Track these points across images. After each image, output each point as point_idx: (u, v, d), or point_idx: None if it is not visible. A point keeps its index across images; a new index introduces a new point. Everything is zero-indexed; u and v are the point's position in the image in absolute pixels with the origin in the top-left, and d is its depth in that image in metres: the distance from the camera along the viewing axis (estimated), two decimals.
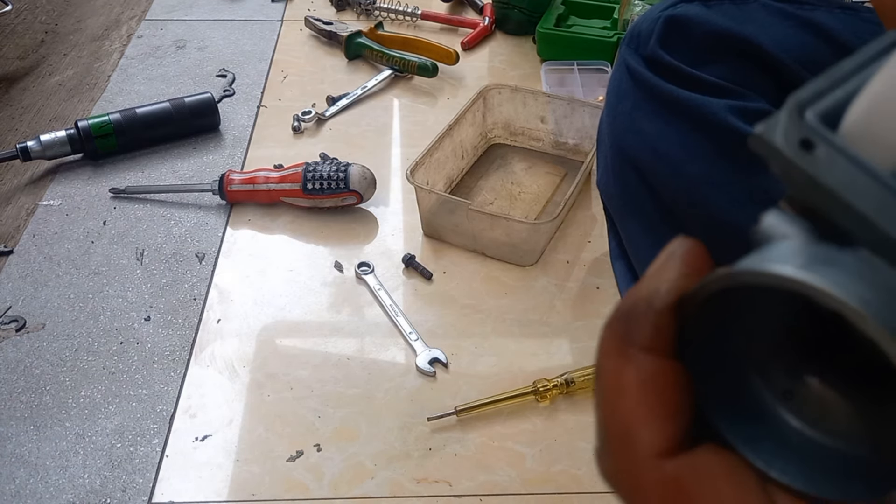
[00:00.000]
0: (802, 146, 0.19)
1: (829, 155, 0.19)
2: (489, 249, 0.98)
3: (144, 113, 1.15)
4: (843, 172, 0.18)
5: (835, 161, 0.19)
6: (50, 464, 0.76)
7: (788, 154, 0.19)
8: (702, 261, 0.20)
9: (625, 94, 0.69)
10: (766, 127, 0.19)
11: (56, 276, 0.96)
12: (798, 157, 0.19)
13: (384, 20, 1.46)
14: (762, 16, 0.69)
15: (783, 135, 0.19)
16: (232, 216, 1.05)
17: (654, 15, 0.69)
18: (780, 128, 0.19)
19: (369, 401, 0.82)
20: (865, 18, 0.70)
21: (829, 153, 0.19)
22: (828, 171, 0.19)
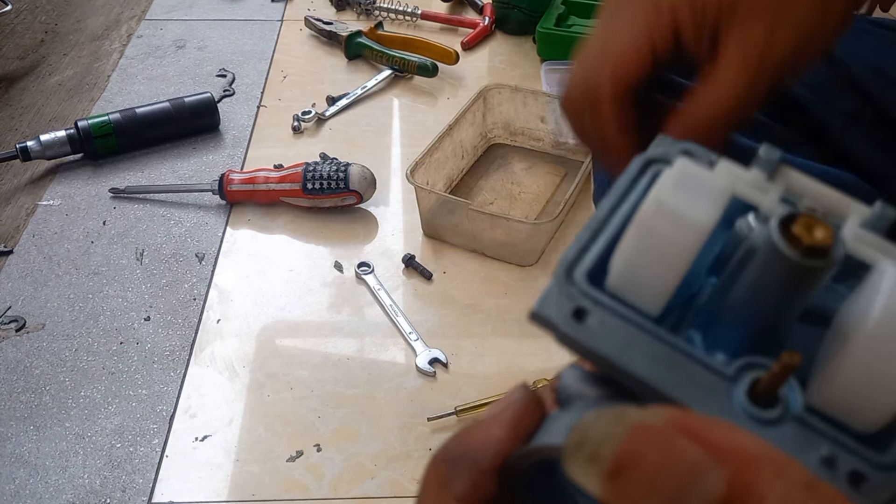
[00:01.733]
0: (575, 316, 0.19)
1: (600, 319, 0.19)
2: (489, 249, 0.98)
3: (144, 113, 1.15)
4: (615, 335, 0.19)
5: (606, 324, 0.19)
6: (50, 464, 0.76)
7: (563, 328, 0.20)
8: (532, 417, 0.21)
9: None
10: (541, 302, 0.20)
11: (56, 276, 0.96)
12: (572, 329, 0.19)
13: (384, 20, 1.46)
14: None
15: (556, 307, 0.20)
16: (232, 216, 1.05)
17: None
18: (553, 300, 0.20)
19: (369, 401, 0.82)
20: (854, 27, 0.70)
21: (601, 317, 0.19)
22: (600, 338, 0.19)
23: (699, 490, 0.15)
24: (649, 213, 0.19)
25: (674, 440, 0.16)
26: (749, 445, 0.16)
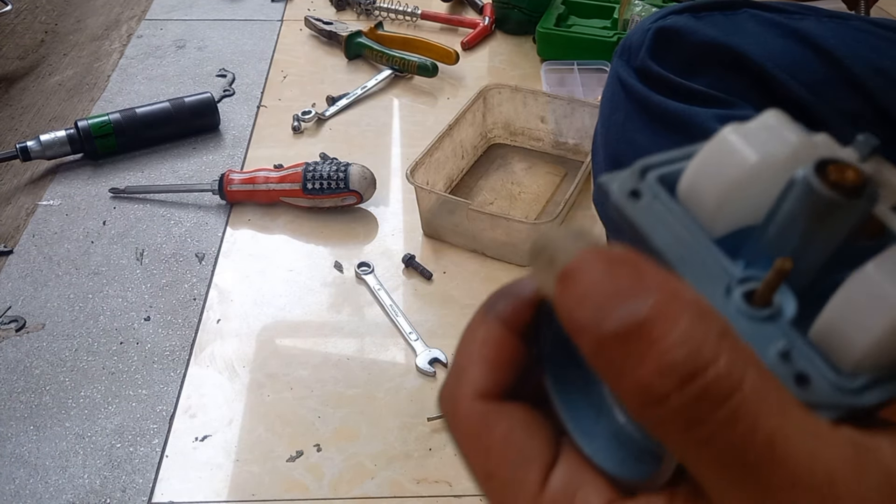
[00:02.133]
0: (631, 195, 0.22)
1: (650, 204, 0.21)
2: (489, 249, 0.98)
3: (144, 113, 1.15)
4: (656, 216, 0.21)
5: (653, 208, 0.21)
6: (50, 464, 0.76)
7: (615, 197, 0.22)
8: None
9: (617, 106, 0.70)
10: (609, 177, 0.22)
11: (56, 276, 0.96)
12: (623, 202, 0.22)
13: (384, 20, 1.46)
14: (751, 26, 0.69)
15: (619, 185, 0.22)
16: (232, 216, 1.05)
17: (644, 26, 0.70)
18: (619, 179, 0.22)
19: (369, 401, 0.82)
20: (854, 27, 0.71)
21: (651, 202, 0.22)
22: (641, 213, 0.21)
23: (625, 306, 0.17)
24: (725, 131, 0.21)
25: (621, 266, 0.18)
26: (689, 294, 0.18)
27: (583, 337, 0.18)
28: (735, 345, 0.17)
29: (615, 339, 0.17)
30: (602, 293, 0.18)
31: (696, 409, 0.16)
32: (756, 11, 0.71)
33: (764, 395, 0.17)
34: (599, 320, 0.17)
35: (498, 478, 0.21)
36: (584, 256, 0.18)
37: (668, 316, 0.17)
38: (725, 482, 0.17)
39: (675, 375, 0.16)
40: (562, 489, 0.20)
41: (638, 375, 0.17)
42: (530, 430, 0.21)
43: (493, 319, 0.23)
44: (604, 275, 0.18)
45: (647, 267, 0.18)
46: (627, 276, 0.18)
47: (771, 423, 0.16)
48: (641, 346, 0.17)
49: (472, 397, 0.22)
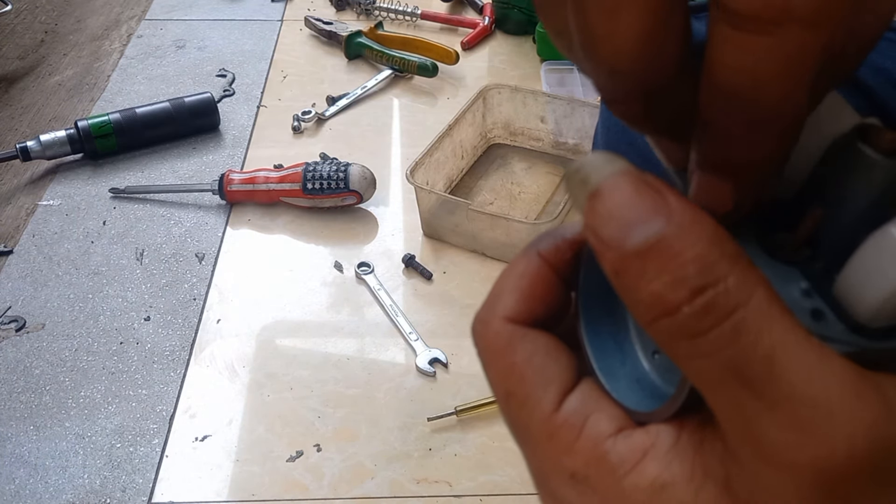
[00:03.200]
0: None
1: None
2: (489, 249, 0.98)
3: (144, 113, 1.15)
4: None
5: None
6: (50, 464, 0.76)
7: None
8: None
9: None
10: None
11: (56, 276, 0.96)
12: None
13: (384, 20, 1.46)
14: None
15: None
16: (232, 216, 1.05)
17: None
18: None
19: (369, 401, 0.82)
20: None
21: None
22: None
23: (648, 225, 0.18)
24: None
25: (649, 189, 0.19)
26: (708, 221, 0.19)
27: (607, 254, 0.19)
28: (746, 268, 0.18)
29: (636, 255, 0.18)
30: (628, 212, 0.19)
31: (703, 321, 0.18)
32: None
33: (768, 314, 0.18)
34: (622, 237, 0.19)
35: (516, 396, 0.22)
36: (615, 178, 0.20)
37: (686, 236, 0.18)
38: (726, 395, 0.18)
39: (686, 288, 0.18)
40: (574, 412, 0.21)
41: (652, 288, 0.18)
42: (553, 355, 0.22)
43: (534, 255, 0.24)
44: (631, 196, 0.19)
45: (672, 193, 0.19)
46: (653, 199, 0.19)
47: (772, 340, 0.17)
48: (659, 262, 0.18)
49: (501, 320, 0.23)
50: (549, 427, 0.21)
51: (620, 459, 0.20)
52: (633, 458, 0.20)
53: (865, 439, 0.17)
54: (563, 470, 0.21)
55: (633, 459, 0.20)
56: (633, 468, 0.20)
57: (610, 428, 0.21)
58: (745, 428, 0.18)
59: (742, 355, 0.18)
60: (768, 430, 0.18)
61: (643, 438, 0.20)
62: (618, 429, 0.21)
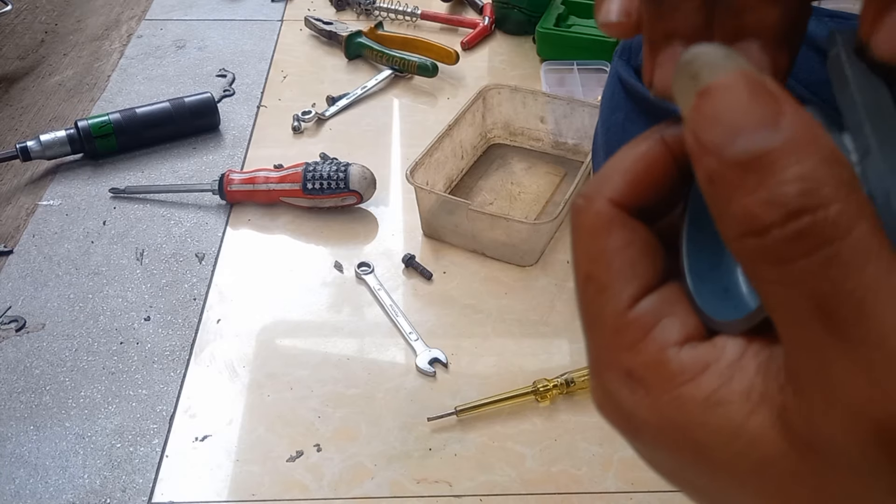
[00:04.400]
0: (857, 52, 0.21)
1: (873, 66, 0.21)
2: (489, 249, 0.98)
3: (144, 113, 1.15)
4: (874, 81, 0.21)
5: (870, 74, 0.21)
6: (50, 464, 0.76)
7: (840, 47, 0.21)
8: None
9: (617, 106, 0.70)
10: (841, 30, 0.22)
11: (56, 276, 0.96)
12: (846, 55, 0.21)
13: (384, 20, 1.46)
14: None
15: (847, 36, 0.21)
16: (232, 216, 1.05)
17: None
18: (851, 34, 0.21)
19: (369, 401, 0.82)
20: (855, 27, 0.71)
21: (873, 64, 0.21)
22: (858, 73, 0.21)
23: (756, 135, 0.17)
24: None
25: (765, 96, 0.17)
26: (824, 140, 0.17)
27: (704, 158, 0.18)
28: (856, 197, 0.17)
29: (735, 165, 0.17)
30: (737, 117, 0.17)
31: (795, 247, 0.16)
32: None
33: (868, 251, 0.16)
34: (726, 143, 0.17)
35: (596, 282, 0.21)
36: (729, 77, 0.18)
37: (796, 153, 0.17)
38: (803, 329, 0.17)
39: (783, 209, 0.16)
40: (648, 312, 0.21)
41: (746, 202, 0.17)
42: (646, 251, 0.21)
43: (657, 139, 0.22)
44: (744, 99, 0.18)
45: (791, 104, 0.18)
46: (768, 106, 0.17)
47: (866, 278, 0.16)
48: (759, 176, 0.17)
49: (606, 200, 0.22)
50: (620, 321, 0.21)
51: (681, 368, 0.20)
52: (693, 369, 0.19)
53: None
54: (621, 366, 0.21)
55: (693, 371, 0.19)
56: (692, 379, 0.19)
57: (678, 335, 0.20)
58: (816, 365, 0.17)
59: (829, 291, 0.16)
60: (842, 374, 0.16)
61: (708, 352, 0.20)
62: (686, 337, 0.20)
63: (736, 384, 0.19)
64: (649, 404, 0.20)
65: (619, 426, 0.22)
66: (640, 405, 0.20)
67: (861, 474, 0.17)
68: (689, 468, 0.20)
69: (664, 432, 0.20)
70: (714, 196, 0.18)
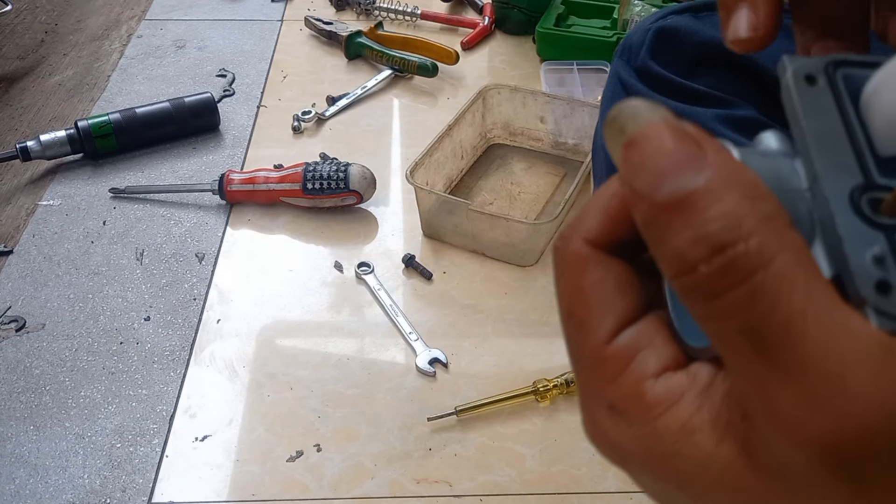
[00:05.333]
0: (807, 79, 0.21)
1: (821, 92, 0.21)
2: (489, 250, 0.98)
3: (144, 113, 1.15)
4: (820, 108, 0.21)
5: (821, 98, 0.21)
6: (50, 464, 0.76)
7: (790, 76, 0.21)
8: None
9: None
10: (793, 57, 0.22)
11: (56, 276, 0.96)
12: (795, 82, 0.21)
13: (384, 20, 1.46)
14: None
15: (798, 66, 0.21)
16: (232, 216, 1.05)
17: (645, 26, 0.70)
18: (801, 62, 0.22)
19: (369, 401, 0.82)
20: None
21: (823, 91, 0.21)
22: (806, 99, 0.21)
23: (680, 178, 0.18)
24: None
25: (686, 141, 0.18)
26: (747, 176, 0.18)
27: (638, 205, 0.18)
28: (777, 227, 0.17)
29: (663, 208, 0.18)
30: (661, 163, 0.18)
31: (721, 281, 0.17)
32: None
33: (792, 279, 0.17)
34: (652, 189, 0.18)
35: (575, 318, 0.22)
36: (651, 127, 0.19)
37: (718, 191, 0.17)
38: (741, 360, 0.18)
39: (707, 245, 0.17)
40: (625, 346, 0.21)
41: (675, 243, 0.18)
42: (622, 285, 0.22)
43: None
44: (666, 147, 0.18)
45: (711, 145, 0.18)
46: (689, 150, 0.18)
47: (791, 306, 0.17)
48: (684, 217, 0.17)
49: (582, 239, 0.23)
50: (599, 355, 0.21)
51: (657, 400, 0.20)
52: (668, 400, 0.20)
53: (880, 415, 0.16)
54: (604, 399, 0.21)
55: (668, 401, 0.20)
56: (667, 410, 0.20)
57: (655, 367, 0.21)
58: (759, 394, 0.17)
59: (758, 321, 0.17)
60: (780, 400, 0.17)
61: (681, 381, 0.20)
62: (662, 368, 0.21)
63: (706, 413, 0.19)
64: (632, 435, 0.21)
65: (608, 455, 0.22)
66: (624, 436, 0.21)
67: (820, 496, 0.17)
68: (675, 494, 0.21)
69: (648, 462, 0.20)
70: (650, 239, 0.19)
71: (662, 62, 0.67)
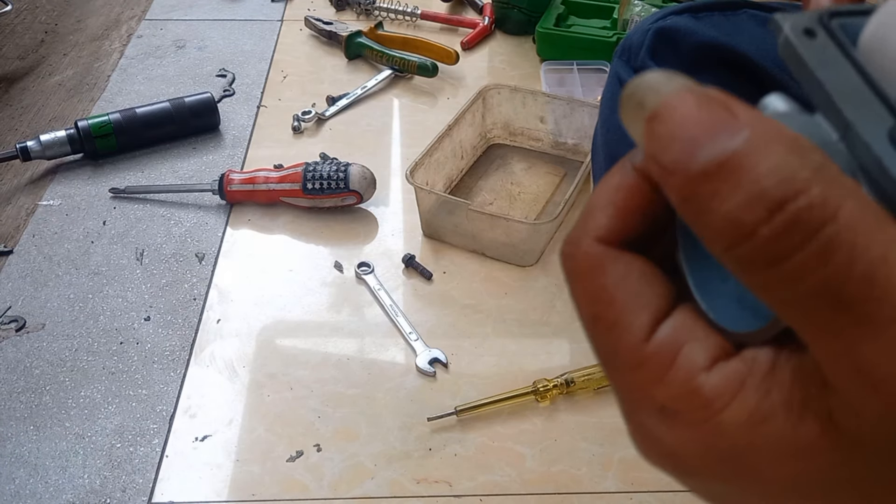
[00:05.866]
0: (805, 33, 0.21)
1: (824, 44, 0.20)
2: (489, 250, 0.98)
3: (144, 113, 1.15)
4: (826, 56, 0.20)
5: (827, 50, 0.20)
6: (50, 464, 0.76)
7: (789, 33, 0.21)
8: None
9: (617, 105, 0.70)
10: (783, 16, 0.21)
11: (56, 276, 0.96)
12: (796, 38, 0.21)
13: (384, 20, 1.46)
14: (751, 26, 0.70)
15: (793, 22, 0.21)
16: (232, 216, 1.05)
17: (644, 27, 0.70)
18: (794, 18, 0.21)
19: (369, 401, 0.82)
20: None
21: (826, 43, 0.20)
22: (814, 53, 0.20)
23: (716, 141, 0.16)
24: None
25: (713, 104, 0.17)
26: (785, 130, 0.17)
27: (671, 180, 0.17)
28: (833, 176, 0.16)
29: (703, 176, 0.16)
30: (692, 130, 0.17)
31: (787, 241, 0.16)
32: (756, 12, 0.71)
33: (865, 225, 0.15)
34: (688, 158, 0.17)
35: (604, 320, 0.20)
36: (673, 96, 0.18)
37: (761, 148, 0.16)
38: (820, 325, 0.16)
39: (764, 204, 0.16)
40: (667, 341, 0.19)
41: (725, 210, 0.16)
42: (646, 278, 0.20)
43: (631, 167, 0.21)
44: (694, 112, 0.17)
45: (740, 105, 0.17)
46: (720, 113, 0.17)
47: (870, 254, 0.15)
48: (731, 180, 0.16)
49: (593, 239, 0.21)
50: (639, 355, 0.19)
51: (716, 393, 0.18)
52: (729, 390, 0.18)
53: None
54: (653, 402, 0.19)
55: (729, 392, 0.18)
56: (730, 402, 0.18)
57: (705, 359, 0.19)
58: (847, 357, 0.16)
59: (836, 275, 0.15)
60: (872, 358, 0.15)
61: (739, 368, 0.18)
62: (713, 358, 0.19)
63: (776, 396, 0.18)
64: (691, 437, 0.19)
65: (664, 465, 0.20)
66: (682, 440, 0.19)
67: None
68: (746, 493, 0.19)
69: (713, 464, 0.19)
70: (692, 214, 0.17)
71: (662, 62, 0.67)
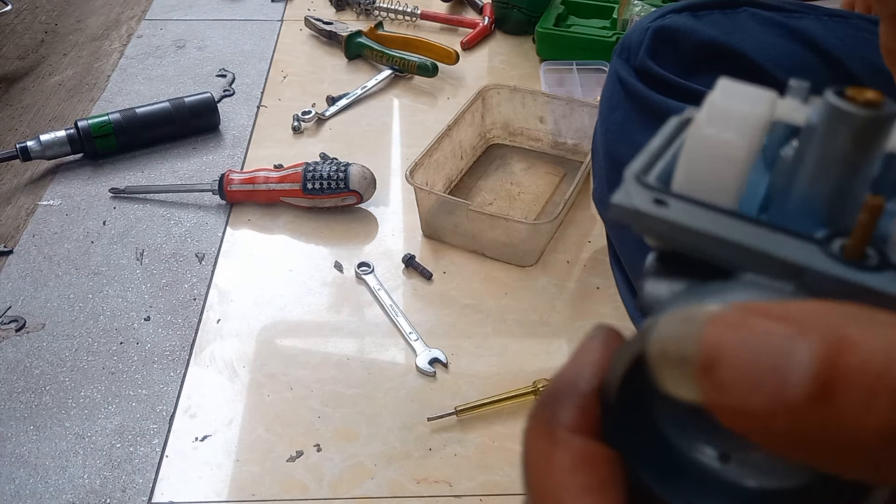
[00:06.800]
0: (656, 203, 0.21)
1: (679, 205, 0.21)
2: (489, 250, 0.98)
3: (144, 113, 1.15)
4: (699, 214, 0.20)
5: (688, 210, 0.20)
6: (50, 464, 0.76)
7: (649, 211, 0.20)
8: (620, 339, 0.21)
9: (617, 105, 0.70)
10: (620, 197, 0.21)
11: (56, 276, 0.96)
12: (658, 212, 0.20)
13: (384, 20, 1.46)
14: (750, 25, 0.70)
15: (637, 197, 0.21)
16: (232, 216, 1.05)
17: (644, 25, 0.70)
18: (632, 192, 0.21)
19: (369, 401, 0.82)
20: (854, 26, 0.71)
21: (679, 203, 0.21)
22: (687, 216, 0.20)
23: (795, 360, 0.15)
24: (702, 118, 0.21)
25: (752, 322, 0.15)
26: (824, 307, 0.16)
27: (774, 422, 0.15)
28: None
29: (815, 400, 0.15)
30: (762, 362, 0.15)
31: None
32: (756, 10, 0.71)
33: None
34: (781, 388, 0.15)
35: None
36: (713, 335, 0.16)
37: (843, 341, 0.15)
38: None
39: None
40: None
41: (870, 424, 0.14)
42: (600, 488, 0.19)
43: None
44: (745, 340, 0.15)
45: (779, 310, 0.16)
46: (766, 328, 0.15)
47: None
48: (848, 385, 0.14)
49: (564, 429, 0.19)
50: None
51: None
52: None
53: None
54: None
55: None
56: None
57: None
58: None
59: None
60: None
61: None
62: None
63: None
64: None
65: None
66: None
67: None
68: None
69: None
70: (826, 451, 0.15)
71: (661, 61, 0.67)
